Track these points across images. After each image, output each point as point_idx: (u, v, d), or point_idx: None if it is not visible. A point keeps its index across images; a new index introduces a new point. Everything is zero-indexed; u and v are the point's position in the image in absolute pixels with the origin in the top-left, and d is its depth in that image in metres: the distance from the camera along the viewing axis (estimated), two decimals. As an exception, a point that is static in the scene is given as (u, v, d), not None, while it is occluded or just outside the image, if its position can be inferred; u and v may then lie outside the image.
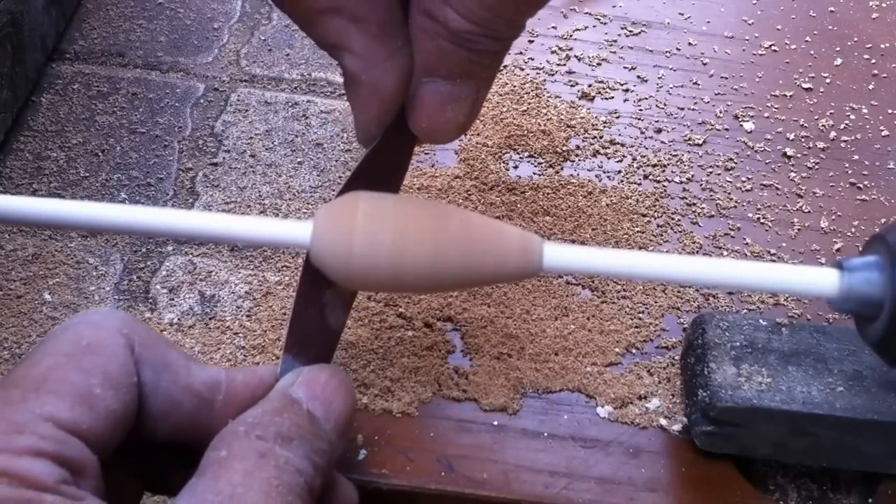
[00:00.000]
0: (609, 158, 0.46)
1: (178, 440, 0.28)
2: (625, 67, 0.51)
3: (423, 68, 0.30)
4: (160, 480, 0.30)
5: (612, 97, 0.49)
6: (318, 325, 0.31)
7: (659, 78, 0.50)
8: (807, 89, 0.51)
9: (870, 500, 0.35)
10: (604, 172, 0.45)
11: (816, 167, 0.47)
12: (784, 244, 0.43)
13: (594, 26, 0.53)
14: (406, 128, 0.32)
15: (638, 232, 0.43)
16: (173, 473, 0.29)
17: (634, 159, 0.46)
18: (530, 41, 0.51)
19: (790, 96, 0.50)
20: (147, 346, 0.28)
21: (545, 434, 0.36)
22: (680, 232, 0.43)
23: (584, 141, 0.46)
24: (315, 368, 0.29)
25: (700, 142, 0.47)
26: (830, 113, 0.50)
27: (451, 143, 0.31)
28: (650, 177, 0.45)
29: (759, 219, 0.44)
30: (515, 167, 0.45)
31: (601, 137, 0.47)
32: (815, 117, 0.49)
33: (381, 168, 0.32)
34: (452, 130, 0.31)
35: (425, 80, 0.30)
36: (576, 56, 0.51)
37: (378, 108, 0.30)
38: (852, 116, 0.50)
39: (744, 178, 0.46)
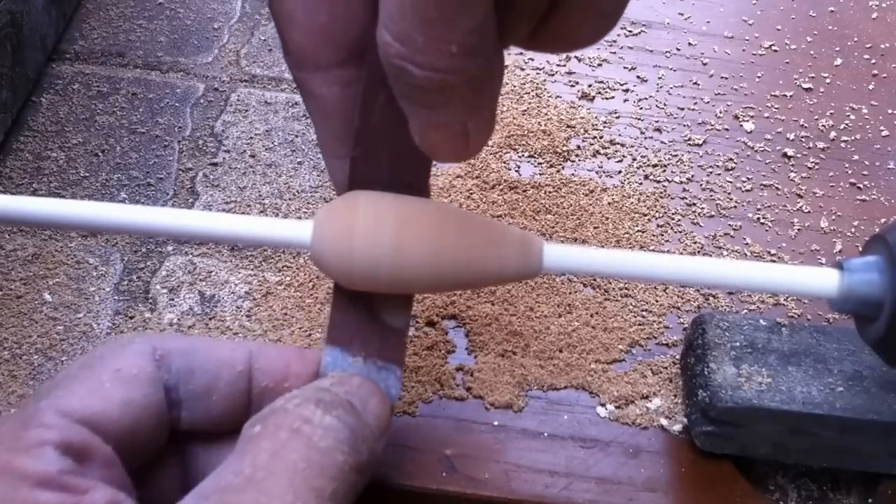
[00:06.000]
0: (609, 158, 0.46)
1: (232, 423, 0.28)
2: (625, 67, 0.51)
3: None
4: None
5: (612, 97, 0.49)
6: (366, 320, 0.30)
7: (659, 78, 0.50)
8: (807, 89, 0.51)
9: (870, 500, 0.35)
10: (604, 172, 0.45)
11: (816, 167, 0.47)
12: (784, 244, 0.43)
13: (594, 26, 0.53)
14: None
15: (638, 231, 0.43)
16: None
17: (634, 159, 0.46)
18: (530, 41, 0.51)
19: (790, 96, 0.50)
20: (171, 340, 0.28)
21: (545, 434, 0.36)
22: (680, 232, 0.43)
23: (584, 141, 0.46)
24: (346, 374, 0.29)
25: (700, 142, 0.47)
26: (830, 113, 0.50)
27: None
28: (650, 177, 0.45)
29: (759, 219, 0.44)
30: (517, 167, 0.45)
31: (601, 137, 0.47)
32: (815, 117, 0.49)
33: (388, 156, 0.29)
34: (443, 155, 0.26)
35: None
36: (576, 56, 0.51)
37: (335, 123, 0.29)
38: (852, 116, 0.50)
39: (744, 178, 0.46)
